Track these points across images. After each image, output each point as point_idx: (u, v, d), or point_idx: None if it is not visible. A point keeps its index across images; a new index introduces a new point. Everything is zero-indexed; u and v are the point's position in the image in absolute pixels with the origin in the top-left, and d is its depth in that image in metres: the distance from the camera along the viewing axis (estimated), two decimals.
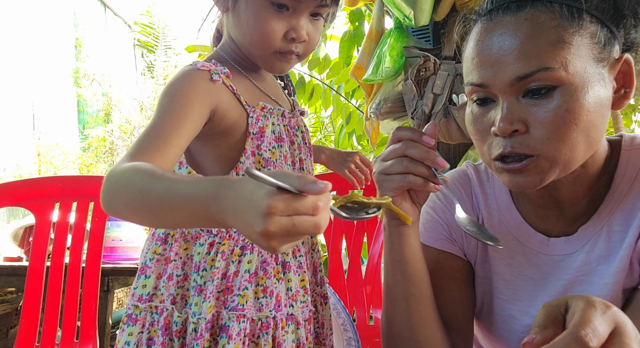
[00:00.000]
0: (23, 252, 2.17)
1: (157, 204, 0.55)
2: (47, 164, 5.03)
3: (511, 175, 0.66)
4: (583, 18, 0.63)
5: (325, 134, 3.76)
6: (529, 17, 0.64)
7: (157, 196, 0.55)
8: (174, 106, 0.72)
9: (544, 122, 0.63)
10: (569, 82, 0.62)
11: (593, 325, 0.47)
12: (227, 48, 0.86)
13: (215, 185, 0.50)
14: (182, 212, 0.53)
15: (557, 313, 0.51)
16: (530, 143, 0.64)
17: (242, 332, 0.77)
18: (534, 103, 0.64)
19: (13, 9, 4.78)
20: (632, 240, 0.69)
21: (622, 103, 0.68)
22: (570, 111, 0.62)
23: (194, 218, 0.53)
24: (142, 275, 0.80)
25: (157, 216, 0.57)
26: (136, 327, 0.78)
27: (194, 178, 0.56)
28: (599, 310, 0.48)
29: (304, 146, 0.91)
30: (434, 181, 0.69)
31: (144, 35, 7.20)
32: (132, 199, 0.58)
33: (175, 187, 0.53)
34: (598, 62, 0.64)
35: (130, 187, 0.58)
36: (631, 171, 0.71)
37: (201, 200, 0.50)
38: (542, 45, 0.62)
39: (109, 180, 0.61)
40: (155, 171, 0.57)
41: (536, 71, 0.62)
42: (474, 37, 0.69)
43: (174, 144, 0.69)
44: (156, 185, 0.55)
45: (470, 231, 0.67)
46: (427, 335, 0.77)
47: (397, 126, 0.76)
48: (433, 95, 1.50)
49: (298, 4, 0.77)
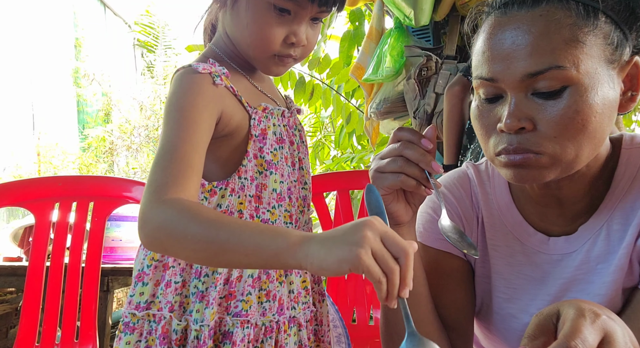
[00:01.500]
0: (23, 252, 2.17)
1: (225, 244, 0.59)
2: (47, 164, 5.03)
3: (512, 169, 0.66)
4: (598, 18, 0.63)
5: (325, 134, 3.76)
6: (544, 13, 0.63)
7: (226, 247, 0.58)
8: (187, 122, 0.71)
9: (552, 122, 0.62)
10: (579, 82, 0.62)
11: (583, 336, 0.47)
12: (222, 45, 0.84)
13: (300, 236, 0.56)
14: (254, 260, 0.58)
15: (548, 322, 0.51)
16: (536, 140, 0.63)
17: (247, 337, 0.76)
18: (543, 101, 0.63)
19: (13, 9, 4.78)
20: (632, 239, 0.69)
21: (629, 106, 0.67)
22: (580, 112, 0.62)
23: (265, 264, 0.58)
24: (140, 282, 0.78)
25: (218, 255, 0.60)
26: (134, 336, 0.76)
27: (264, 226, 0.59)
28: (588, 319, 0.48)
29: (302, 144, 0.91)
30: (426, 184, 0.69)
31: (143, 35, 7.21)
32: (195, 250, 0.61)
33: (252, 238, 0.57)
34: (609, 63, 0.64)
35: (190, 237, 0.60)
36: (631, 170, 0.71)
37: (284, 248, 0.55)
38: (555, 42, 0.62)
39: (155, 223, 0.62)
40: (214, 219, 0.60)
41: (548, 68, 0.61)
42: (486, 30, 0.68)
43: (197, 166, 0.69)
44: (222, 234, 0.59)
45: (451, 238, 0.67)
46: (426, 334, 0.77)
47: (398, 127, 0.76)
48: (435, 94, 1.50)
49: (301, 9, 0.76)
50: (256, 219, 0.80)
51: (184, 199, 0.63)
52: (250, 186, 0.79)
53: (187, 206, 0.62)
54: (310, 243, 0.54)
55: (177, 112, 0.72)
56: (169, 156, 0.68)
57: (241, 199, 0.79)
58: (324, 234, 0.55)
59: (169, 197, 0.63)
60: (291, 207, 0.84)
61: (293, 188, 0.85)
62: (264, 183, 0.80)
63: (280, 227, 0.57)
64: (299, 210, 0.86)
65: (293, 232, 0.57)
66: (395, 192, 0.72)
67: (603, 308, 0.51)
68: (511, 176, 0.67)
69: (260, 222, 0.60)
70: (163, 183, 0.65)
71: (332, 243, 0.53)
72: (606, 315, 0.50)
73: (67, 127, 5.69)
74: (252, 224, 0.60)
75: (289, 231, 0.57)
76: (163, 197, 0.63)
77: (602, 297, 0.70)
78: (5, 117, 4.59)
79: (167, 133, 0.71)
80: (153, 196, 0.64)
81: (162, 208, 0.62)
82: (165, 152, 0.68)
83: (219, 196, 0.78)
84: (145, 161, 6.06)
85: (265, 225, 0.58)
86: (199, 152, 0.70)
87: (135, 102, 6.26)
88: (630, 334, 0.52)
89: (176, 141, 0.69)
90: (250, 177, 0.79)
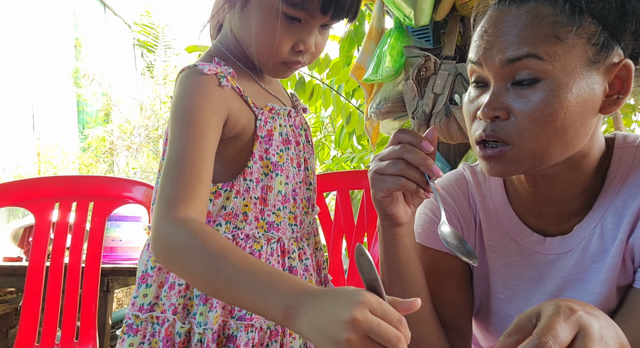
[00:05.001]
0: (23, 252, 2.17)
1: (223, 289, 0.58)
2: (47, 164, 5.03)
3: (486, 161, 0.69)
4: (583, 17, 0.64)
5: (325, 134, 3.76)
6: (530, 9, 0.65)
7: (223, 293, 0.58)
8: (195, 130, 0.70)
9: (523, 113, 0.65)
10: (554, 76, 0.63)
11: (555, 331, 0.47)
12: (228, 43, 0.83)
13: (293, 307, 0.52)
14: (249, 305, 0.56)
15: (527, 322, 0.51)
16: (507, 130, 0.66)
17: (251, 341, 0.75)
18: (519, 92, 0.65)
19: (13, 9, 4.78)
20: (624, 237, 0.69)
21: (612, 109, 0.68)
22: (549, 106, 0.63)
23: (261, 311, 0.55)
24: (143, 284, 0.78)
25: (217, 294, 0.61)
26: (137, 338, 0.76)
27: (265, 275, 0.56)
28: (562, 315, 0.48)
29: (307, 144, 0.90)
30: (426, 188, 0.69)
31: (143, 35, 7.20)
32: (197, 284, 0.63)
33: (249, 287, 0.55)
34: (591, 63, 0.64)
35: (194, 271, 0.60)
36: (623, 169, 0.72)
37: (276, 306, 0.53)
38: (536, 35, 0.64)
39: (165, 244, 0.62)
40: (218, 256, 0.58)
41: (525, 55, 0.64)
42: (480, 23, 0.71)
43: (206, 177, 0.69)
44: (220, 279, 0.57)
45: (451, 244, 0.68)
46: (424, 335, 0.77)
47: (399, 128, 0.76)
48: (434, 95, 1.50)
49: (312, 18, 0.75)
50: (261, 221, 0.80)
51: (193, 221, 0.63)
52: (255, 188, 0.79)
53: (194, 232, 0.61)
54: (300, 317, 0.50)
55: (185, 118, 0.71)
56: (178, 166, 0.68)
57: (246, 201, 0.78)
58: (315, 308, 0.50)
59: (179, 215, 0.63)
60: (295, 209, 0.84)
61: (298, 190, 0.85)
62: (269, 184, 0.80)
63: (280, 281, 0.54)
64: (303, 211, 0.86)
65: (290, 293, 0.52)
66: (394, 194, 0.72)
67: (585, 304, 0.51)
68: (486, 168, 0.69)
69: (264, 263, 0.58)
70: (173, 197, 0.65)
71: (318, 332, 0.49)
72: (585, 310, 0.50)
73: (67, 127, 5.69)
74: (252, 271, 0.56)
75: (287, 291, 0.53)
76: (173, 214, 0.63)
77: (597, 296, 0.70)
78: (5, 117, 4.59)
79: (175, 141, 0.70)
80: (164, 211, 0.64)
81: (173, 227, 0.62)
82: (175, 162, 0.68)
83: (224, 198, 0.78)
84: (145, 161, 6.06)
85: (267, 271, 0.55)
86: (207, 161, 0.70)
87: (135, 102, 6.26)
88: (618, 330, 0.52)
89: (184, 151, 0.69)
90: (256, 179, 0.79)
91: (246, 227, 0.79)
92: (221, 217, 0.78)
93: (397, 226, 0.75)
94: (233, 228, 0.78)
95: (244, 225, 0.78)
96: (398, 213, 0.74)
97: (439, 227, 0.70)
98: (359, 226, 1.77)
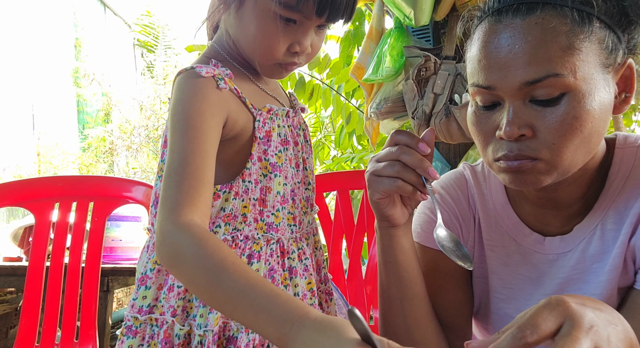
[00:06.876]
0: (23, 252, 2.17)
1: (222, 305, 0.58)
2: (47, 164, 5.03)
3: (510, 174, 0.67)
4: (593, 23, 0.63)
5: (325, 134, 3.76)
6: (539, 21, 0.63)
7: (223, 309, 0.59)
8: (195, 132, 0.70)
9: (550, 128, 0.63)
10: (577, 88, 0.62)
11: (535, 322, 0.47)
12: (225, 44, 0.82)
13: (291, 337, 0.51)
14: (247, 324, 0.57)
15: None
16: (534, 147, 0.64)
17: (251, 343, 0.75)
18: (542, 108, 0.63)
19: (13, 9, 4.78)
20: (625, 238, 0.69)
21: (623, 108, 0.68)
22: (578, 118, 0.62)
23: (258, 332, 0.55)
24: (142, 286, 0.78)
25: (217, 309, 0.63)
26: (136, 340, 0.76)
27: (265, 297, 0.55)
28: (548, 307, 0.48)
29: (306, 144, 0.90)
30: (422, 190, 0.69)
31: (143, 35, 7.21)
32: (199, 296, 0.63)
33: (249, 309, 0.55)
34: (604, 67, 0.64)
35: (196, 284, 0.60)
36: (624, 169, 0.72)
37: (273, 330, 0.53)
38: (552, 50, 0.61)
39: (170, 250, 0.62)
40: (220, 270, 0.58)
41: (546, 76, 0.61)
42: (481, 37, 0.67)
43: (208, 180, 0.69)
44: (220, 296, 0.57)
45: (446, 247, 0.67)
46: (423, 335, 0.77)
47: (396, 129, 0.76)
48: (434, 95, 1.50)
49: (307, 20, 0.75)
50: (260, 222, 0.79)
51: (197, 227, 0.63)
52: (254, 189, 0.79)
53: (198, 240, 0.61)
54: (294, 346, 0.50)
55: (184, 121, 0.71)
56: (180, 169, 0.67)
57: (245, 202, 0.78)
58: (310, 341, 0.50)
59: (184, 219, 0.63)
60: (294, 209, 0.84)
61: (297, 190, 0.85)
62: (268, 186, 0.80)
63: (278, 304, 0.54)
64: (302, 212, 0.86)
65: (285, 321, 0.52)
66: (391, 195, 0.72)
67: (586, 298, 0.51)
68: (509, 180, 0.67)
69: (263, 281, 0.58)
70: (177, 200, 0.65)
71: None
72: (579, 302, 0.49)
73: (67, 127, 5.69)
74: (251, 290, 0.56)
75: (283, 319, 0.53)
76: (178, 218, 0.63)
77: (597, 297, 0.70)
78: (6, 117, 4.59)
79: (176, 144, 0.70)
80: (169, 215, 0.64)
81: (178, 234, 0.62)
82: (177, 165, 0.68)
83: (223, 200, 0.77)
84: (145, 161, 6.07)
85: (265, 292, 0.55)
86: (209, 163, 0.69)
87: (135, 102, 6.26)
88: (627, 326, 0.51)
89: (186, 154, 0.68)
90: (255, 180, 0.79)
91: (245, 228, 0.78)
92: (220, 219, 0.78)
93: (394, 228, 0.75)
94: (232, 230, 0.78)
95: (243, 226, 0.78)
96: (395, 215, 0.73)
97: (435, 230, 0.69)
98: (359, 226, 1.77)
